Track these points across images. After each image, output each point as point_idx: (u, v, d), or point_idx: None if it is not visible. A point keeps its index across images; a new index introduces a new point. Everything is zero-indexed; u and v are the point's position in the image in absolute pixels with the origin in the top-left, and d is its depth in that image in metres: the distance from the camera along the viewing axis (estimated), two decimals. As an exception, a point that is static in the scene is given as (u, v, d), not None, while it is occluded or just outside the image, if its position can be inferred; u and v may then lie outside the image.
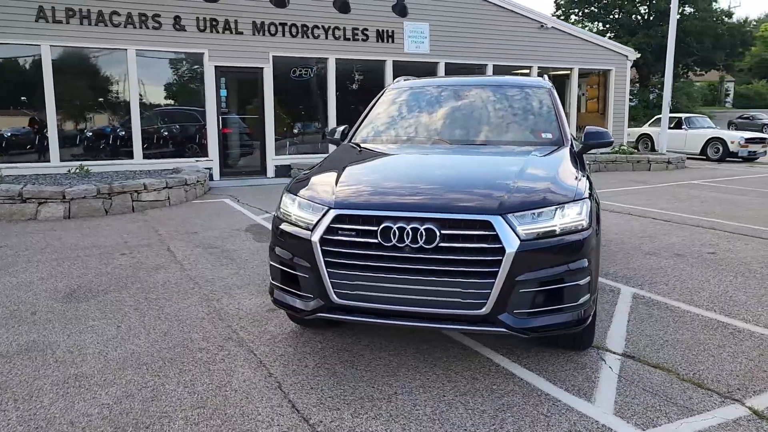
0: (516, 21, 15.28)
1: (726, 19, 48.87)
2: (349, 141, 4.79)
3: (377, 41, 13.63)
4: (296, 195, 3.64)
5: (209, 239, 7.13)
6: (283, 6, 11.62)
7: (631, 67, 17.83)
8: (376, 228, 3.19)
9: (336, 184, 3.57)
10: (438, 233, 3.10)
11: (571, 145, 4.34)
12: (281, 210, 3.71)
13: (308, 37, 12.95)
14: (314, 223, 3.36)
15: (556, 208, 3.22)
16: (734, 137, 18.03)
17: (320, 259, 3.28)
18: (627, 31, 44.09)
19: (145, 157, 11.95)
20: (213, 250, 6.58)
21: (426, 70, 14.48)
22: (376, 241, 3.19)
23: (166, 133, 12.50)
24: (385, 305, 3.22)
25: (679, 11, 46.41)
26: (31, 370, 3.60)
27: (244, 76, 12.72)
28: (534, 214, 3.16)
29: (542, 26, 15.61)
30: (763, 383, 3.36)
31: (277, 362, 3.69)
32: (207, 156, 12.46)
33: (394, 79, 13.76)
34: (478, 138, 4.57)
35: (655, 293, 4.97)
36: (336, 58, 13.29)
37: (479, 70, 14.99)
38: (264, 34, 12.54)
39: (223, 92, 12.48)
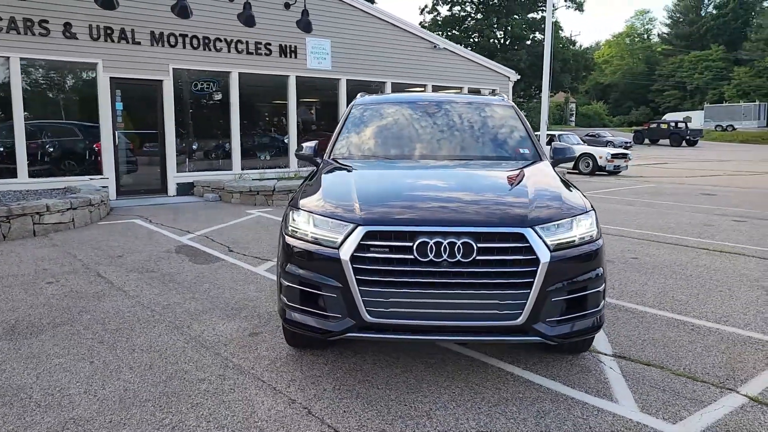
0: (412, 41, 15.80)
1: (571, 46, 54.24)
2: (329, 157, 4.71)
3: (280, 56, 13.47)
4: (309, 212, 3.53)
5: (140, 263, 6.64)
6: (186, 17, 11.14)
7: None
8: (411, 243, 3.19)
9: (354, 200, 3.51)
10: (475, 246, 3.16)
11: (548, 160, 4.61)
12: (291, 227, 3.58)
13: (210, 49, 12.50)
14: (340, 240, 3.29)
15: (572, 220, 3.41)
16: (602, 153, 19.84)
17: (351, 278, 3.21)
18: (486, 54, 47.20)
19: (32, 175, 10.85)
20: (152, 275, 6.13)
21: (328, 86, 14.54)
22: (411, 256, 3.18)
23: (53, 150, 11.44)
24: (420, 321, 3.22)
25: (530, 37, 50.81)
26: (15, 418, 3.16)
27: (143, 89, 11.99)
28: (556, 225, 3.33)
29: (435, 47, 16.27)
30: (744, 372, 3.76)
31: (292, 387, 3.54)
32: (101, 174, 11.56)
33: (297, 94, 13.76)
34: (464, 153, 4.71)
35: (608, 297, 5.37)
36: (239, 72, 12.94)
37: (378, 87, 15.30)
38: (163, 45, 11.93)
39: (119, 105, 11.68)
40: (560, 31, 61.88)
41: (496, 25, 51.29)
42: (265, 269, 6.37)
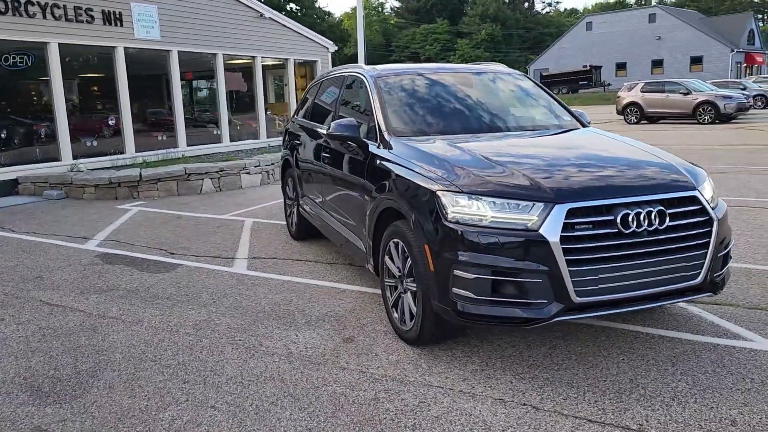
0: (239, 10, 14.76)
1: (326, 17, 55.58)
2: (397, 136, 4.26)
3: (104, 24, 11.57)
4: (479, 195, 3.26)
5: (78, 281, 5.37)
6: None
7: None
8: (612, 216, 3.16)
9: (522, 176, 3.34)
10: (666, 213, 3.25)
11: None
12: (456, 213, 3.27)
13: (21, 14, 10.23)
14: (537, 221, 3.12)
15: (708, 180, 3.68)
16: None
17: (561, 259, 3.09)
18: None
19: None
20: (117, 293, 5.03)
21: (159, 58, 12.96)
22: (615, 230, 3.16)
23: None
24: (623, 294, 3.23)
25: (287, 7, 50.73)
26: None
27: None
28: (703, 186, 3.56)
29: (261, 15, 15.44)
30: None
31: (480, 387, 3.28)
32: None
33: (127, 68, 11.98)
34: (522, 124, 4.67)
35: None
36: (59, 43, 10.83)
37: (209, 59, 14.08)
38: (-40, 9, 9.44)
39: None
40: (316, 3, 63.05)
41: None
42: (245, 269, 5.63)
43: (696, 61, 53.81)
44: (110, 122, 12.27)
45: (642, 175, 3.47)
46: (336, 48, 19.00)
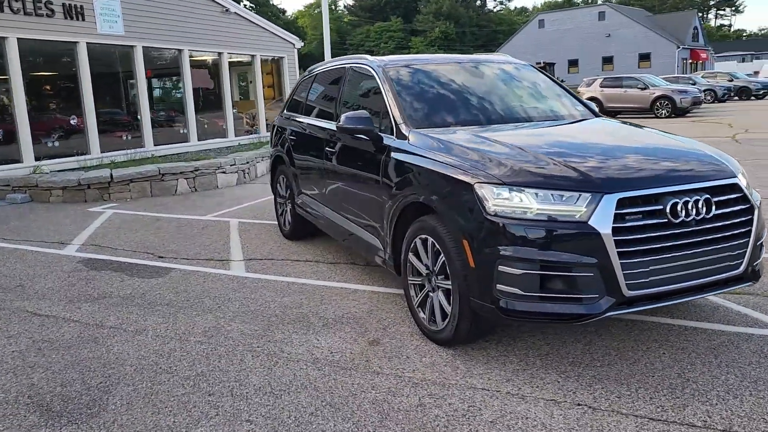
0: (205, 5, 14.29)
1: (281, 15, 54.98)
2: (416, 128, 4.08)
3: (65, 18, 10.99)
4: (520, 186, 3.12)
5: (65, 289, 5.01)
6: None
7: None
8: (661, 206, 3.07)
9: (563, 165, 3.22)
10: (713, 201, 3.18)
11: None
12: (498, 205, 3.12)
13: (-24, 8, 9.61)
14: (586, 212, 3.00)
15: (741, 170, 3.62)
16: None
17: (613, 252, 2.98)
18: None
19: None
20: (111, 300, 4.71)
21: (123, 54, 12.43)
22: (665, 219, 3.07)
23: None
24: (671, 286, 3.14)
25: (242, 4, 50.03)
26: None
27: None
28: (741, 174, 3.50)
29: (226, 11, 15.00)
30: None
31: (528, 388, 3.15)
32: None
33: (90, 64, 11.42)
34: (540, 114, 4.56)
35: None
36: (18, 38, 10.23)
37: (175, 55, 13.59)
38: None
39: None
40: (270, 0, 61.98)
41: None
42: (244, 272, 5.36)
43: (644, 57, 55.26)
44: (72, 121, 11.67)
45: (685, 163, 3.39)
46: (302, 44, 18.65)
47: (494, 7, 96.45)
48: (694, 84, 29.66)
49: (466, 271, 3.28)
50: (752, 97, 32.89)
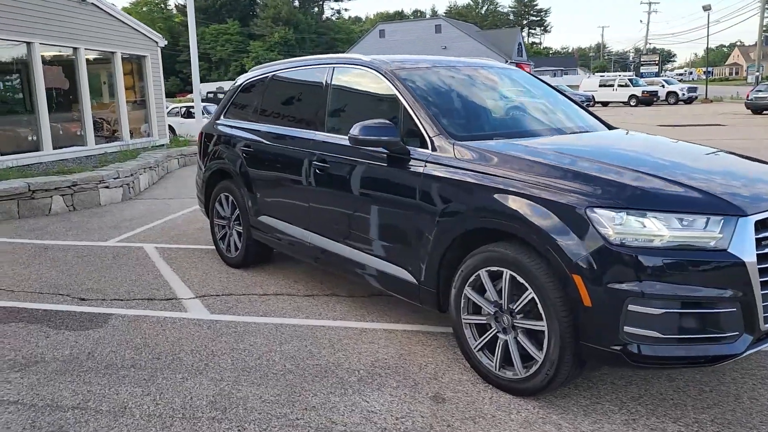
0: (58, -8, 12.33)
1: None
2: (459, 141, 3.49)
3: None
4: (644, 210, 2.70)
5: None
6: None
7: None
8: None
9: (661, 180, 2.90)
10: None
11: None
12: (622, 235, 2.67)
13: None
14: (724, 238, 2.65)
15: None
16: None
17: (756, 283, 2.66)
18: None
19: None
20: (54, 366, 3.55)
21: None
22: None
23: None
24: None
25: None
26: None
27: None
28: None
29: (83, 0, 13.10)
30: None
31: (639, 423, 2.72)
32: None
33: None
34: (570, 124, 4.18)
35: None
36: None
37: (22, 50, 11.53)
38: None
39: None
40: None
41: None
42: (207, 314, 4.40)
43: (479, 70, 58.90)
44: None
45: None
46: (165, 42, 16.97)
47: (331, 15, 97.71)
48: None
49: (575, 312, 2.79)
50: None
